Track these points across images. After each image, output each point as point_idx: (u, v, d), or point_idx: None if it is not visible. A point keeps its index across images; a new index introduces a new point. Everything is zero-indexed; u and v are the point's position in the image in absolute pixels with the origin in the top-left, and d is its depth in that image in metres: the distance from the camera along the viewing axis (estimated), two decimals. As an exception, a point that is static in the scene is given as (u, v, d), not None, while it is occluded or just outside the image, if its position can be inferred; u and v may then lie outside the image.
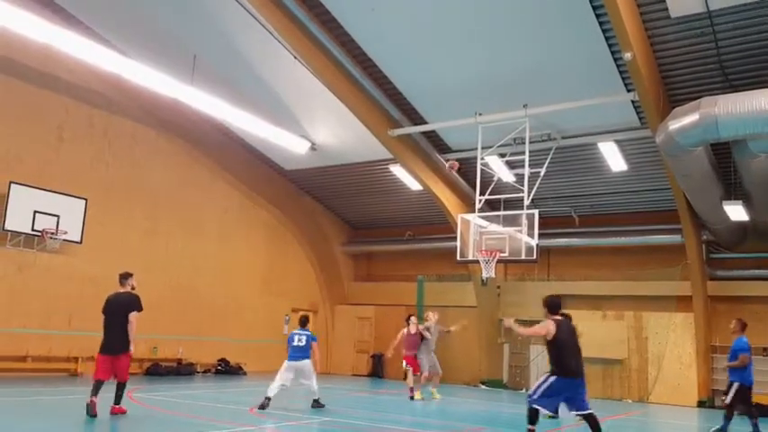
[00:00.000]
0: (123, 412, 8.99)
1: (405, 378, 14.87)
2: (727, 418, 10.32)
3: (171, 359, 17.04)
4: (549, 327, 7.80)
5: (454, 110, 14.59)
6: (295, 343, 11.02)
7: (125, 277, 9.27)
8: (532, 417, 7.68)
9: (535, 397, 7.65)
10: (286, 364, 11.01)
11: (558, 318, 7.98)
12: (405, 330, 14.57)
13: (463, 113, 14.23)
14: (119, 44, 14.63)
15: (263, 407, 10.27)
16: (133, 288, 9.31)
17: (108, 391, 8.77)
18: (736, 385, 10.22)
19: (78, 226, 14.78)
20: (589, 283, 19.00)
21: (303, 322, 11.51)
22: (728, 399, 10.29)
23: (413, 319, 14.85)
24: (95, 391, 8.67)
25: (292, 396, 11.50)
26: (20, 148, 14.30)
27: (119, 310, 8.97)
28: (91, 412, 8.53)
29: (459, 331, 15.25)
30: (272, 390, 10.59)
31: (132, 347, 9.01)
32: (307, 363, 11.02)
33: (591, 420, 7.58)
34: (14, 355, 13.90)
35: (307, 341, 11.08)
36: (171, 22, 13.99)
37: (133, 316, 8.93)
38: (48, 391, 11.80)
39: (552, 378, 7.63)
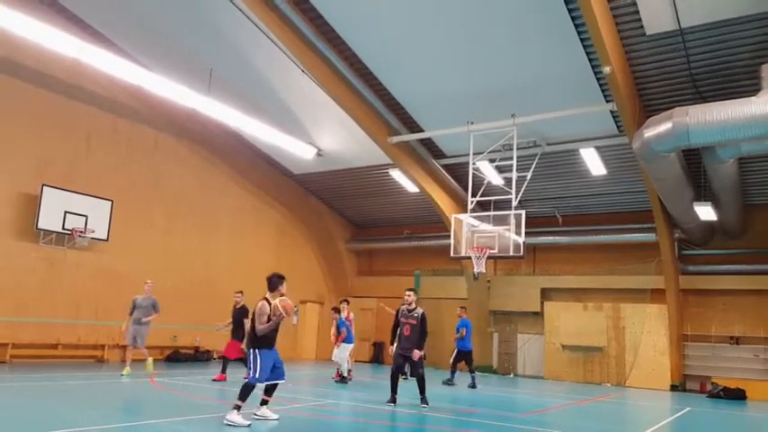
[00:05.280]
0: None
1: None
2: (452, 372, 14.59)
3: (189, 347, 17.04)
4: (263, 308, 7.63)
5: (448, 119, 14.60)
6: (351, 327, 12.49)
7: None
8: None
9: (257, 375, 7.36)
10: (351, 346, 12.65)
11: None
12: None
13: (456, 122, 14.25)
14: (141, 58, 14.65)
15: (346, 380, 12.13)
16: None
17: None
18: (456, 351, 14.61)
19: (105, 225, 14.80)
20: (571, 278, 19.04)
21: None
22: (452, 360, 14.63)
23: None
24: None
25: (296, 381, 11.47)
26: (51, 154, 14.32)
27: None
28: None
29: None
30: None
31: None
32: None
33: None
34: (46, 342, 13.92)
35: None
36: (189, 38, 14.01)
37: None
38: (79, 376, 11.81)
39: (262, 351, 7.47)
